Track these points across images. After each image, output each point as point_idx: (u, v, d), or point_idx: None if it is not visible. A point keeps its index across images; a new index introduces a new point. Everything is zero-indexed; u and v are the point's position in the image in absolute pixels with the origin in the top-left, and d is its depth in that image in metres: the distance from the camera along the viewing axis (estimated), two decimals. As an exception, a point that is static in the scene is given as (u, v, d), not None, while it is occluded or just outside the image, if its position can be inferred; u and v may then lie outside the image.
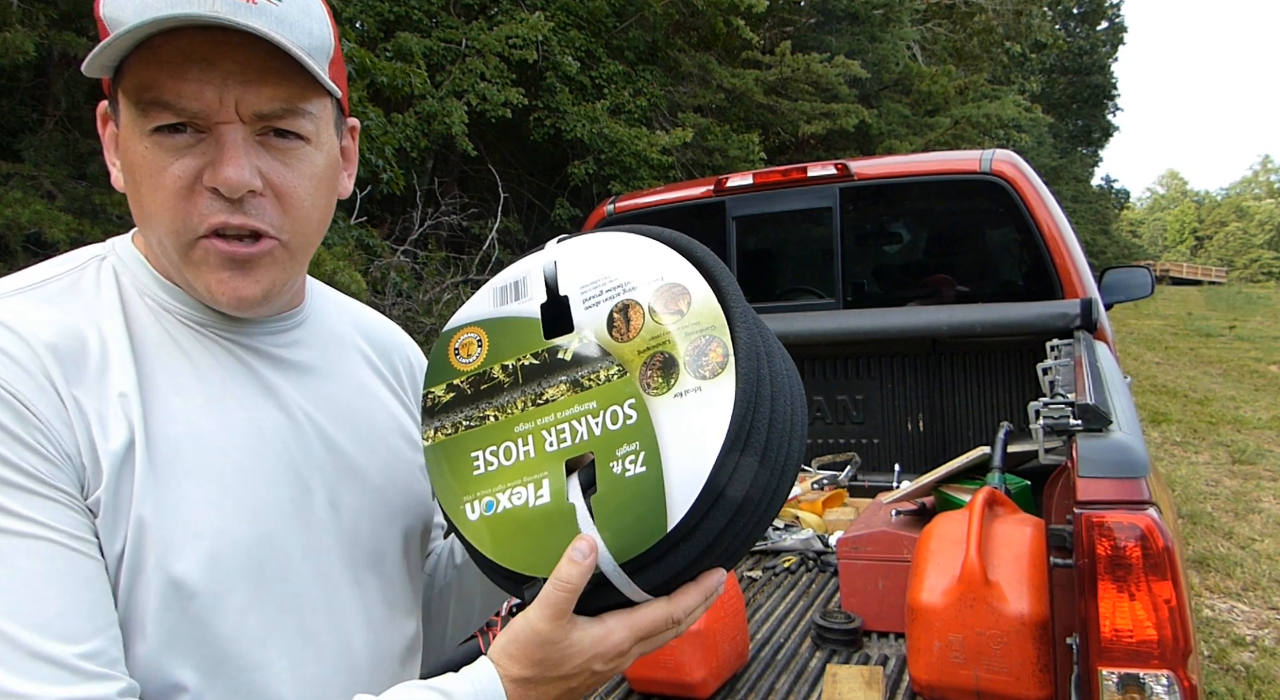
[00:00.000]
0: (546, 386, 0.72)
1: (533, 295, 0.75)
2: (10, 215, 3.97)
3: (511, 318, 0.75)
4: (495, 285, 0.78)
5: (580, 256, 0.75)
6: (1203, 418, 8.32)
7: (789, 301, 3.28)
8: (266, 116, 0.70)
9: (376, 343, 0.96)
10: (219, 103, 0.68)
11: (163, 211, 0.70)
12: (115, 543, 0.66)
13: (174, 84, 0.67)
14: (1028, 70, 23.62)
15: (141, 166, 0.70)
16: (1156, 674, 1.16)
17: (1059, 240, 2.74)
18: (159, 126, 0.68)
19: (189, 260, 0.73)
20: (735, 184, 3.13)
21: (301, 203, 0.74)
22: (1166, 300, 26.10)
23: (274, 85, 0.69)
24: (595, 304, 0.72)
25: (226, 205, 0.70)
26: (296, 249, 0.77)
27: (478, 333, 0.76)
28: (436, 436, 0.75)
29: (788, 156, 11.80)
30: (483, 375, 0.74)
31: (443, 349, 0.77)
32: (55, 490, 0.64)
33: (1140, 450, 1.29)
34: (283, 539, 0.75)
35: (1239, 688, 3.17)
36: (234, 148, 0.69)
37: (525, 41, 7.57)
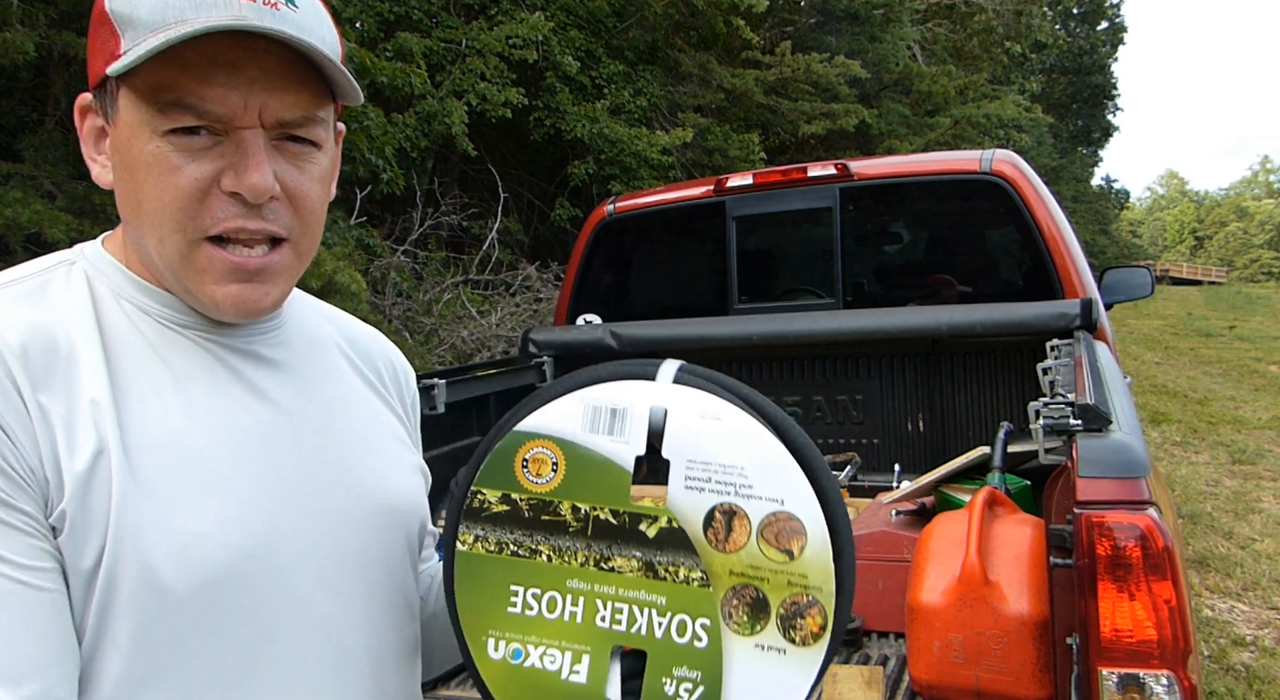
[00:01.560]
0: (616, 553, 0.64)
1: (630, 437, 0.65)
2: (10, 215, 3.97)
3: (599, 456, 0.65)
4: (589, 401, 0.66)
5: (698, 419, 0.66)
6: (1203, 418, 8.32)
7: (789, 301, 3.28)
8: (287, 124, 0.70)
9: (357, 345, 0.93)
10: (243, 108, 0.68)
11: (171, 212, 0.69)
12: (85, 558, 0.63)
13: (198, 88, 0.66)
14: (1028, 70, 23.61)
15: (151, 166, 0.68)
16: (1156, 674, 1.16)
17: (1059, 240, 2.74)
18: (177, 128, 0.67)
19: (191, 264, 0.71)
20: (735, 184, 3.13)
21: (313, 206, 0.75)
22: (1166, 300, 26.10)
23: (296, 92, 0.70)
24: (699, 489, 0.64)
25: (244, 210, 0.70)
26: (304, 253, 0.77)
27: (555, 453, 0.66)
28: (476, 546, 0.67)
29: (788, 156, 11.80)
30: (548, 505, 0.66)
31: (509, 452, 0.66)
32: (13, 511, 0.61)
33: (1140, 450, 1.29)
34: (273, 543, 0.72)
35: (1239, 688, 3.17)
36: (258, 153, 0.69)
37: (525, 41, 7.58)
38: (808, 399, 2.97)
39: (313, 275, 4.30)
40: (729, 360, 3.02)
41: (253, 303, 0.73)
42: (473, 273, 7.98)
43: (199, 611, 0.66)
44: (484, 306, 7.47)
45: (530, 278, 8.14)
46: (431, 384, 2.47)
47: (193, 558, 0.66)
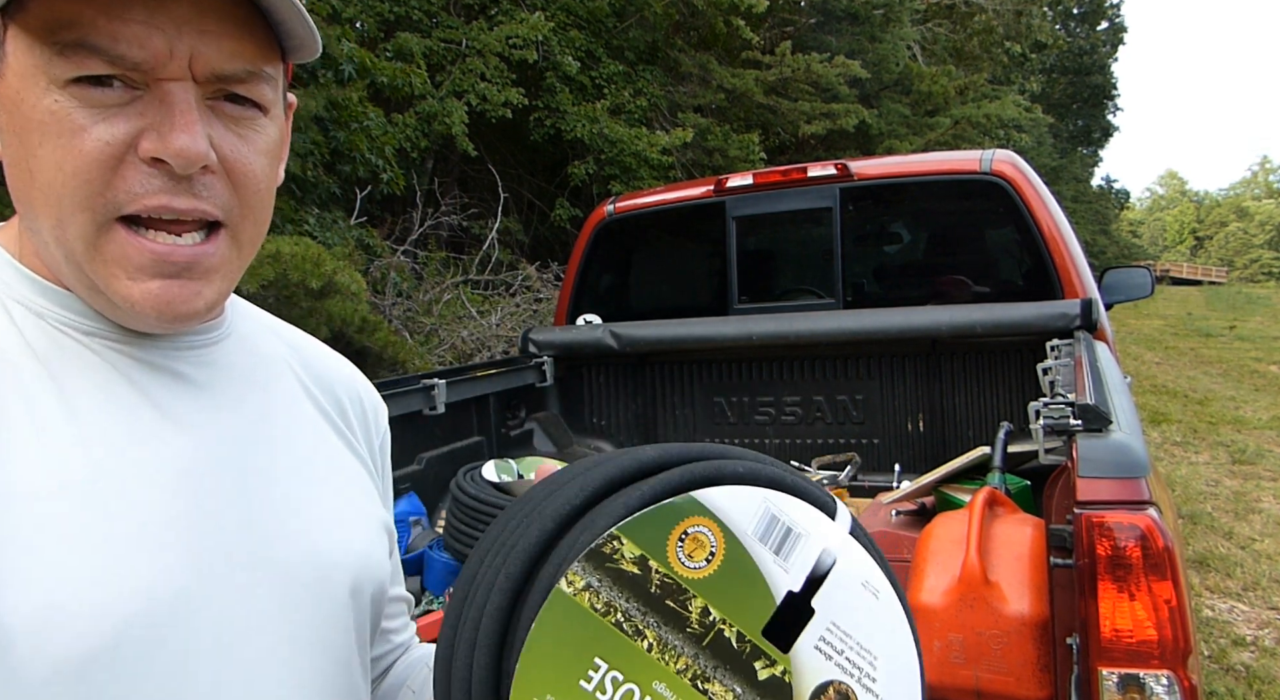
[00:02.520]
0: (718, 679, 0.57)
1: (793, 567, 0.58)
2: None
3: (757, 570, 0.58)
4: (772, 506, 0.59)
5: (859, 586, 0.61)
6: (1203, 418, 8.32)
7: (789, 301, 3.28)
8: (226, 78, 0.55)
9: (316, 373, 0.76)
10: (169, 54, 0.53)
11: (73, 185, 0.53)
12: None
13: (109, 24, 0.51)
14: (1028, 70, 23.61)
15: (46, 125, 0.53)
16: (1156, 674, 1.16)
17: (1059, 240, 2.74)
18: (81, 77, 0.52)
19: (99, 253, 0.55)
20: (735, 184, 3.13)
21: (258, 183, 0.59)
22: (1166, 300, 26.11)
23: (236, 39, 0.55)
24: (827, 655, 0.59)
25: (168, 183, 0.55)
26: (245, 243, 0.61)
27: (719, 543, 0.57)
28: (583, 596, 0.55)
29: (788, 156, 11.80)
30: (681, 593, 0.57)
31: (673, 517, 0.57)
32: None
33: (1140, 450, 1.29)
34: (172, 611, 0.56)
35: (1239, 688, 3.17)
36: (188, 111, 0.54)
37: (525, 41, 7.58)
38: (808, 399, 2.97)
39: (313, 275, 4.30)
40: (729, 360, 3.03)
41: (180, 304, 0.57)
42: (473, 273, 7.98)
43: (59, 693, 0.51)
44: (484, 306, 7.47)
45: (530, 278, 8.14)
46: (432, 384, 2.47)
47: (59, 630, 0.51)
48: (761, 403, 3.02)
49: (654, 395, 3.15)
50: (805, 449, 2.96)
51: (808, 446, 2.96)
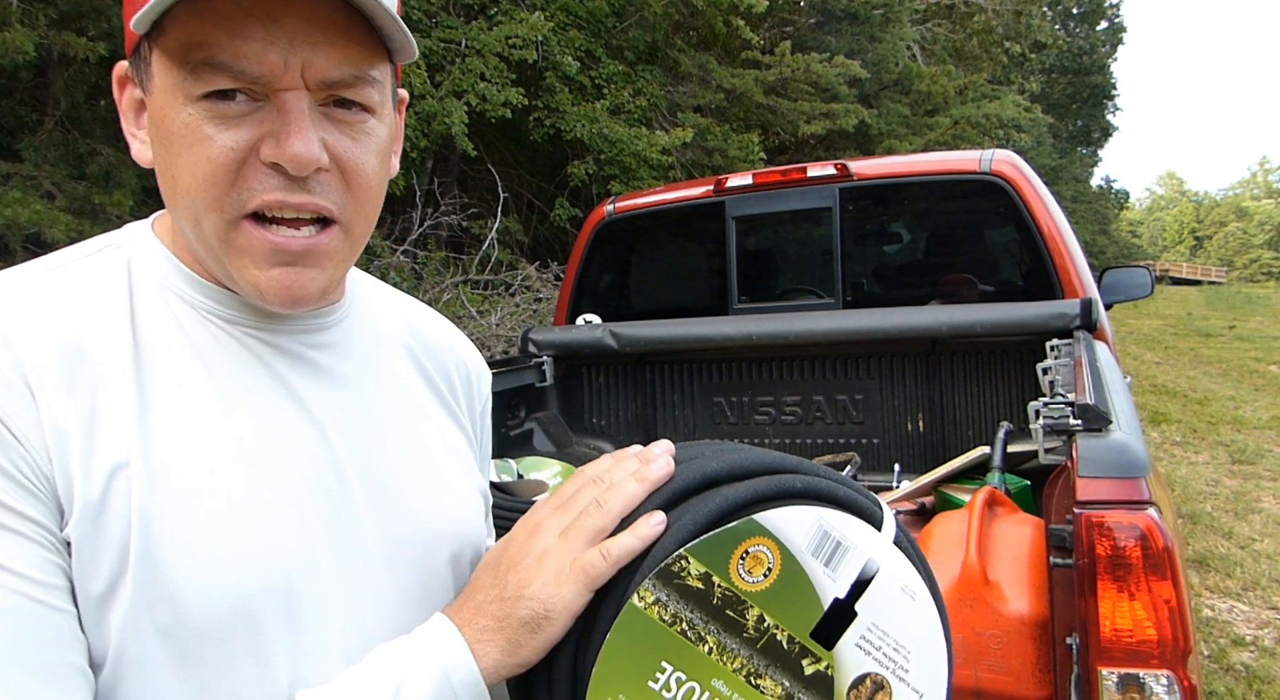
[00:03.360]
0: (769, 675, 0.64)
1: (840, 577, 0.65)
2: (10, 215, 3.97)
3: (809, 582, 0.64)
4: (825, 524, 0.65)
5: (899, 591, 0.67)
6: (1203, 418, 8.32)
7: (789, 301, 3.28)
8: (334, 84, 0.61)
9: (428, 346, 0.84)
10: (283, 66, 0.59)
11: (205, 187, 0.61)
12: (97, 580, 0.57)
13: (232, 43, 0.58)
14: (1027, 70, 23.61)
15: (182, 136, 0.60)
16: (1156, 674, 1.16)
17: (1059, 240, 2.74)
18: (210, 92, 0.59)
19: (230, 246, 0.63)
20: (735, 184, 3.13)
21: (369, 181, 0.66)
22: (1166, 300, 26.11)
23: (343, 47, 0.61)
24: (866, 651, 0.65)
25: (285, 182, 0.61)
26: (358, 235, 0.68)
27: (775, 560, 0.64)
28: (653, 609, 0.62)
29: (787, 156, 11.81)
30: (740, 603, 0.63)
31: (735, 538, 0.63)
32: (24, 520, 0.55)
33: (1140, 450, 1.29)
34: (307, 567, 0.64)
35: (1239, 688, 3.17)
36: (301, 118, 0.60)
37: (525, 41, 7.58)
38: (808, 399, 2.97)
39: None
40: (729, 360, 3.03)
41: (298, 289, 0.64)
42: (472, 273, 7.98)
43: (216, 641, 0.60)
44: (484, 306, 7.47)
45: (530, 278, 8.14)
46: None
47: (218, 586, 0.60)
48: (761, 403, 3.02)
49: (654, 395, 3.15)
50: (805, 449, 2.96)
51: (808, 446, 2.96)
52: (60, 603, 0.56)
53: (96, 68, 5.08)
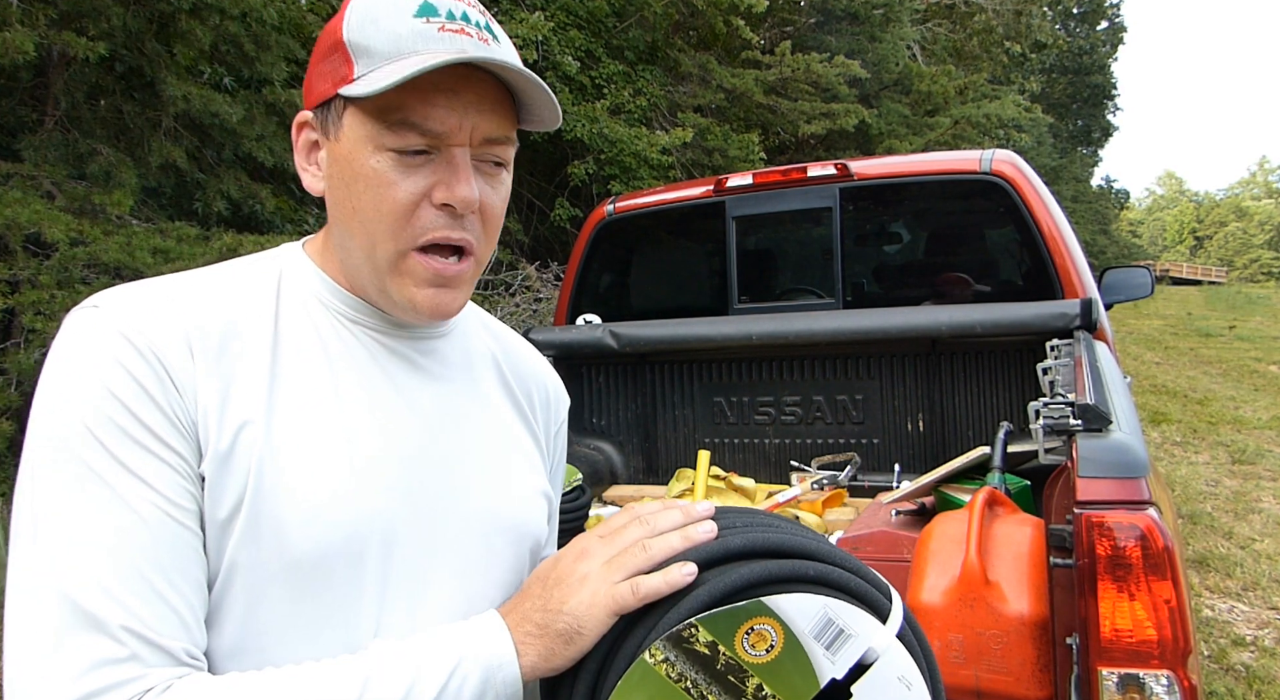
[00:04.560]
0: None
1: (840, 660, 0.70)
2: (10, 215, 3.97)
3: (807, 661, 0.69)
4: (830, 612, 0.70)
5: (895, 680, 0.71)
6: (1203, 418, 8.32)
7: (789, 301, 3.28)
8: (493, 141, 0.78)
9: (515, 365, 0.99)
10: (459, 127, 0.76)
11: (389, 222, 0.76)
12: (220, 511, 0.71)
13: (423, 108, 0.74)
14: (1028, 70, 23.62)
15: (371, 179, 0.76)
16: (1156, 674, 1.16)
17: (1059, 240, 2.74)
18: (399, 147, 0.75)
19: (397, 270, 0.79)
20: (735, 184, 3.13)
21: (497, 220, 0.83)
22: (1166, 300, 26.09)
23: (500, 115, 0.78)
24: None
25: (450, 221, 0.78)
26: (482, 263, 0.84)
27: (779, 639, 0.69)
28: (661, 667, 0.69)
29: (788, 156, 11.80)
30: (742, 672, 0.69)
31: (743, 616, 0.69)
32: (172, 453, 0.70)
33: (1140, 450, 1.29)
34: (388, 528, 0.77)
35: (1239, 688, 3.17)
36: (467, 169, 0.77)
37: (525, 41, 7.57)
38: (808, 399, 2.97)
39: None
40: (729, 360, 3.03)
41: (446, 306, 0.81)
42: (472, 273, 7.96)
43: (310, 574, 0.73)
44: (484, 306, 7.45)
45: (530, 278, 8.14)
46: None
47: (316, 524, 0.73)
48: (761, 403, 3.02)
49: (654, 395, 3.15)
50: (805, 449, 2.96)
51: (808, 446, 2.96)
52: (188, 521, 0.70)
53: (96, 68, 5.08)
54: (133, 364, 0.70)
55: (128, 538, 0.66)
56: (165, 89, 5.00)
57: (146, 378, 0.70)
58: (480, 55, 0.74)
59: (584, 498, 2.30)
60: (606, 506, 2.89)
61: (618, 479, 3.14)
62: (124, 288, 0.76)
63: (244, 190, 5.67)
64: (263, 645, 0.72)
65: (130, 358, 0.70)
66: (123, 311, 0.72)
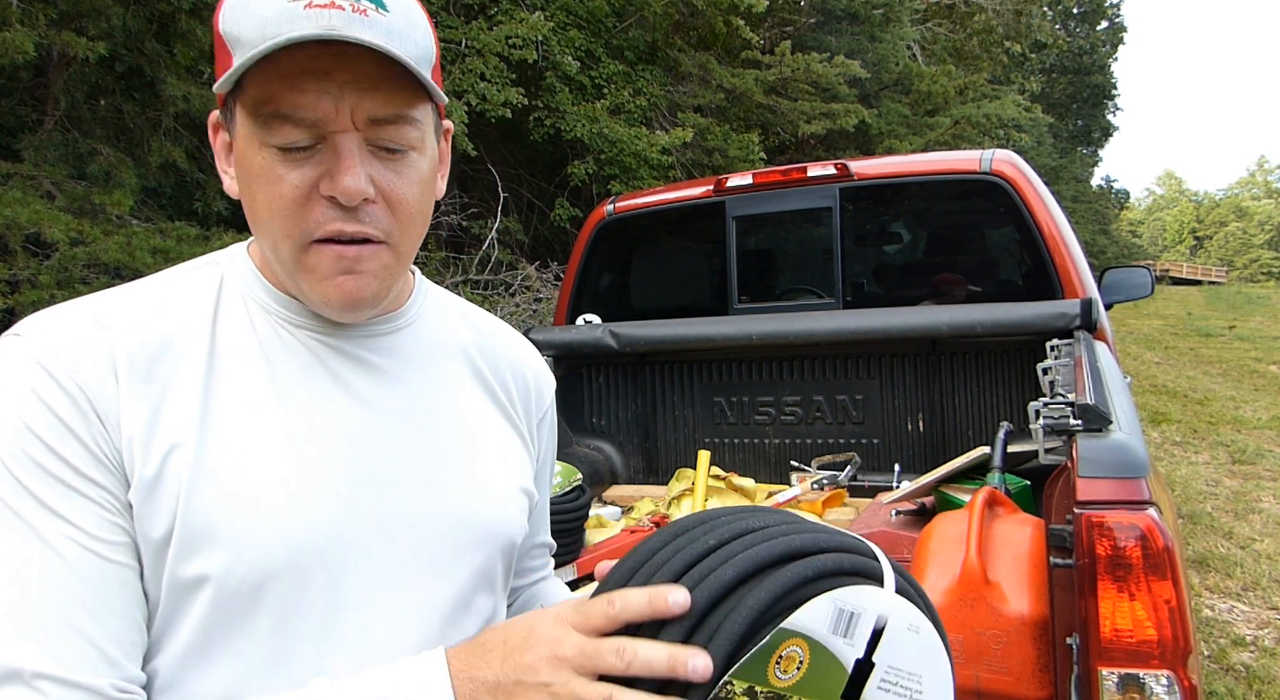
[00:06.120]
0: None
1: (856, 640, 0.70)
2: (10, 215, 3.97)
3: (834, 656, 0.70)
4: (839, 603, 0.70)
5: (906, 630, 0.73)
6: (1203, 418, 8.32)
7: (789, 301, 3.28)
8: (380, 120, 0.72)
9: (491, 356, 0.94)
10: (335, 111, 0.70)
11: (279, 219, 0.73)
12: (153, 537, 0.69)
13: (292, 96, 0.69)
14: (1028, 70, 23.62)
15: (259, 176, 0.72)
16: (1156, 674, 1.16)
17: (1059, 240, 2.74)
18: (283, 146, 0.71)
19: (303, 265, 0.75)
20: (735, 184, 3.13)
21: (410, 208, 0.77)
22: (1166, 300, 26.08)
23: (386, 92, 0.72)
24: (886, 690, 0.71)
25: (342, 213, 0.73)
26: (403, 253, 0.78)
27: (805, 652, 0.69)
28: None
29: (788, 156, 11.80)
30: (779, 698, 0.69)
31: (770, 650, 0.68)
32: (94, 486, 0.67)
33: (1140, 450, 1.29)
34: (331, 544, 0.74)
35: (1239, 688, 3.17)
36: (350, 157, 0.71)
37: (525, 41, 7.57)
38: (808, 399, 2.97)
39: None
40: (729, 360, 3.03)
41: (356, 294, 0.75)
42: (473, 273, 7.98)
43: (248, 601, 0.70)
44: (484, 306, 7.45)
45: (530, 278, 8.14)
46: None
47: (255, 541, 0.70)
48: (761, 403, 3.02)
49: (654, 395, 3.15)
50: (805, 449, 2.96)
51: (808, 446, 2.96)
52: (114, 555, 0.68)
53: (96, 68, 5.08)
54: (51, 397, 0.67)
55: (48, 577, 0.64)
56: (165, 89, 5.00)
57: (66, 411, 0.67)
58: (345, 33, 0.67)
59: (584, 498, 2.30)
60: (606, 506, 2.89)
61: (618, 479, 3.14)
62: (51, 312, 0.73)
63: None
64: (209, 671, 0.70)
65: (49, 390, 0.67)
66: (43, 340, 0.69)
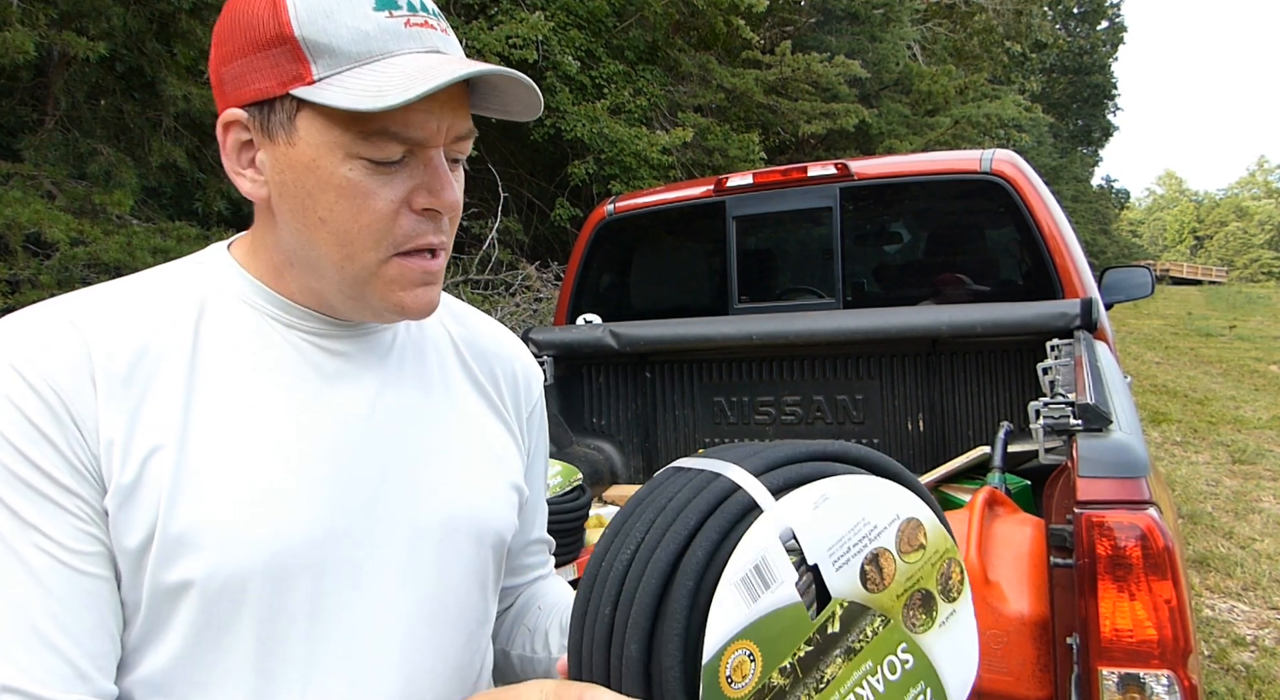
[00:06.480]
0: (825, 667, 0.66)
1: (781, 576, 0.66)
2: (10, 215, 3.97)
3: (773, 612, 0.65)
4: (734, 579, 0.65)
5: (811, 517, 0.68)
6: (1203, 418, 8.31)
7: (789, 301, 3.28)
8: (463, 137, 0.75)
9: (478, 349, 0.93)
10: (437, 131, 0.72)
11: (370, 233, 0.72)
12: (131, 544, 0.67)
13: (404, 115, 0.69)
14: (1028, 70, 23.61)
15: (343, 188, 0.71)
16: (1156, 674, 1.16)
17: (1059, 240, 2.74)
18: (382, 160, 0.70)
19: (380, 277, 0.74)
20: (735, 184, 3.13)
21: (458, 218, 0.79)
22: (1166, 300, 26.08)
23: (465, 111, 0.74)
24: (845, 563, 0.68)
25: (431, 226, 0.74)
26: (447, 257, 0.81)
27: (748, 646, 0.64)
28: None
29: (788, 156, 11.80)
30: (763, 690, 0.64)
31: (712, 683, 0.63)
32: (70, 496, 0.66)
33: (1140, 450, 1.29)
34: (315, 546, 0.73)
35: (1239, 688, 3.17)
36: (446, 173, 0.73)
37: (525, 41, 7.57)
38: (808, 399, 2.97)
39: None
40: (729, 360, 3.03)
41: (433, 302, 0.78)
42: (473, 272, 7.98)
43: (233, 605, 0.69)
44: (484, 306, 7.47)
45: (530, 278, 8.14)
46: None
47: (237, 545, 0.69)
48: (761, 402, 3.02)
49: (654, 395, 3.15)
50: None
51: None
52: (87, 567, 0.66)
53: (97, 68, 5.08)
54: (26, 402, 0.65)
55: (19, 590, 0.63)
56: (165, 89, 5.01)
57: (41, 416, 0.65)
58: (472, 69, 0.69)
59: (584, 497, 2.30)
60: (606, 506, 2.89)
61: (618, 479, 3.14)
62: (25, 314, 0.70)
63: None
64: (191, 678, 0.69)
65: (23, 395, 0.65)
66: (18, 343, 0.67)
